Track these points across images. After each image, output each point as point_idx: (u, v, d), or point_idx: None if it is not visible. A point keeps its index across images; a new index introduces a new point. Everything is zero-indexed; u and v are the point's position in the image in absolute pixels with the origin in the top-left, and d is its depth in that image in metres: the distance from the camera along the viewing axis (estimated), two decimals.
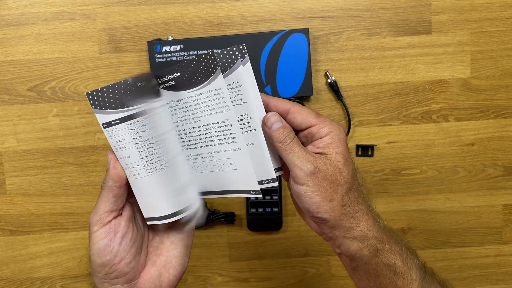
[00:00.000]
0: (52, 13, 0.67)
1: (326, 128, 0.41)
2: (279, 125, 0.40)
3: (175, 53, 0.65)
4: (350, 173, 0.41)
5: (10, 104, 0.68)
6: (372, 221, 0.42)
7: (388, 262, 0.41)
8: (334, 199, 0.40)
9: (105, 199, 0.40)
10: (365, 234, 0.41)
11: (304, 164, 0.39)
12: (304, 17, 0.67)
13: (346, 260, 0.43)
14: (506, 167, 0.70)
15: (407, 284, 0.42)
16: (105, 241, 0.39)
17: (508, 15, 0.67)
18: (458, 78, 0.68)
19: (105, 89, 0.39)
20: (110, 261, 0.39)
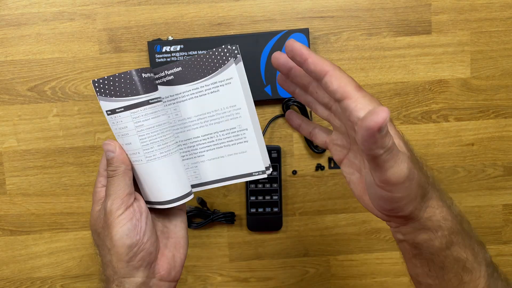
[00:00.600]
0: (52, 13, 0.67)
1: (366, 108, 0.33)
2: (386, 113, 0.30)
3: (175, 53, 0.65)
4: (410, 155, 0.36)
5: (10, 104, 0.68)
6: (447, 209, 0.37)
7: (458, 256, 0.37)
8: (413, 191, 0.35)
9: (122, 184, 0.41)
10: (440, 225, 0.36)
11: (399, 168, 0.33)
12: (304, 17, 0.67)
13: (408, 247, 0.39)
14: (506, 167, 0.70)
15: (474, 280, 0.38)
16: (133, 222, 0.40)
17: (508, 15, 0.67)
18: (458, 78, 0.68)
19: (111, 77, 0.41)
20: (139, 240, 0.40)
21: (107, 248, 0.40)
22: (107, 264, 0.41)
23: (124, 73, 0.40)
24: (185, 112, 0.45)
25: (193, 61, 0.43)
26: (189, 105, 0.44)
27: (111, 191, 0.41)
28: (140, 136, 0.41)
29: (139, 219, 0.41)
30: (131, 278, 0.41)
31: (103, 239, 0.41)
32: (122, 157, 0.41)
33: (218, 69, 0.43)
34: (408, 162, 0.33)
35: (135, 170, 0.43)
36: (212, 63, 0.43)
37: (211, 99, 0.44)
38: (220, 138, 0.45)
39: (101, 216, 0.41)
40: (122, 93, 0.41)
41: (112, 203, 0.40)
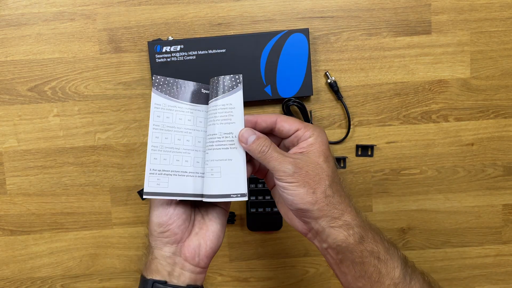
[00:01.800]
0: (52, 13, 0.67)
1: (310, 131, 0.47)
2: (253, 138, 0.46)
3: (175, 53, 0.65)
4: (330, 168, 0.46)
5: (11, 104, 0.68)
6: (355, 213, 0.46)
7: (372, 249, 0.45)
8: (317, 191, 0.44)
9: None
10: (350, 223, 0.45)
11: (284, 166, 0.44)
12: (304, 17, 0.67)
13: (333, 253, 0.47)
14: (505, 167, 0.70)
15: (390, 271, 0.45)
16: (164, 206, 0.49)
17: (507, 15, 0.67)
18: (458, 78, 0.69)
19: (177, 80, 0.52)
20: (166, 221, 0.49)
21: (148, 220, 0.50)
22: (149, 235, 0.50)
23: (191, 82, 0.52)
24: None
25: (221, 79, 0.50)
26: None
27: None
28: (177, 133, 0.50)
29: (169, 204, 0.49)
30: (159, 250, 0.49)
31: (149, 216, 0.50)
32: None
33: (228, 91, 0.49)
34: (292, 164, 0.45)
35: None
36: (223, 86, 0.50)
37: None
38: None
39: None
40: (178, 96, 0.51)
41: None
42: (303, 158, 0.45)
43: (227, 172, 0.48)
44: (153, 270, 0.49)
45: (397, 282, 0.45)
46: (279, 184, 0.45)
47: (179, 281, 0.49)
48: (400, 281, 0.45)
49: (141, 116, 0.68)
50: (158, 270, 0.49)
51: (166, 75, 0.65)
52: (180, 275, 0.49)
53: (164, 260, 0.49)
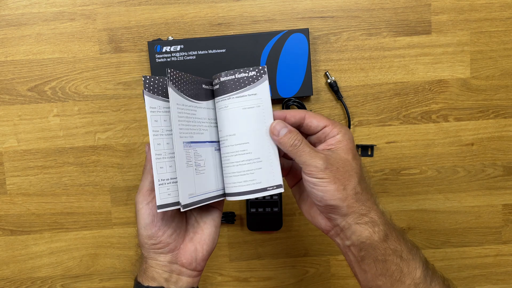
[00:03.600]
0: (52, 13, 0.67)
1: (337, 128, 0.46)
2: (285, 131, 0.45)
3: (175, 53, 0.65)
4: (359, 166, 0.45)
5: (11, 104, 0.68)
6: (380, 210, 0.46)
7: (395, 248, 0.44)
8: (347, 187, 0.44)
9: (146, 180, 0.48)
10: (375, 220, 0.45)
11: (316, 161, 0.44)
12: (304, 17, 0.67)
13: (355, 251, 0.46)
14: (505, 167, 0.70)
15: (411, 271, 0.45)
16: (150, 217, 0.47)
17: (507, 15, 0.67)
18: (457, 78, 0.69)
19: (184, 74, 0.47)
20: (155, 233, 0.47)
21: (138, 232, 0.48)
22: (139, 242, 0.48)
23: (194, 78, 0.47)
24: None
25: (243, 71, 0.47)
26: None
27: (140, 185, 0.48)
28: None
29: (155, 215, 0.47)
30: (154, 260, 0.48)
31: (138, 224, 0.48)
32: (148, 156, 0.47)
33: (254, 82, 0.47)
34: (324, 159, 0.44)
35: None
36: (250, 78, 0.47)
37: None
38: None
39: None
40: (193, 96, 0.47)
41: (137, 197, 0.48)
42: (333, 155, 0.45)
43: (261, 166, 0.46)
44: (149, 277, 0.48)
45: (417, 282, 0.45)
46: (309, 179, 0.44)
47: (177, 286, 0.48)
48: (421, 281, 0.45)
49: (141, 116, 0.68)
50: (155, 277, 0.47)
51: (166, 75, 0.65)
52: (178, 281, 0.48)
53: (160, 268, 0.48)
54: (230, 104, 0.46)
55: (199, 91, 0.48)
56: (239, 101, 0.46)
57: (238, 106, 0.46)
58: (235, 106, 0.46)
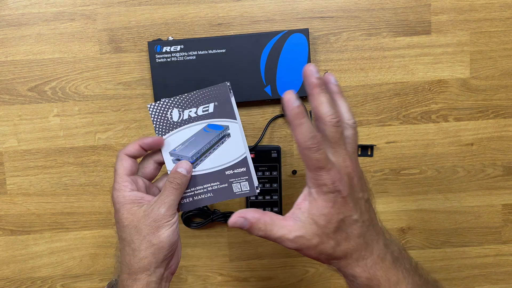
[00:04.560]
0: (52, 14, 0.67)
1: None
2: (246, 226, 0.43)
3: (175, 53, 0.65)
4: (334, 223, 0.40)
5: (11, 104, 0.68)
6: (363, 263, 0.41)
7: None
8: (321, 256, 0.42)
9: (178, 197, 0.49)
10: (354, 274, 0.41)
11: (285, 241, 0.43)
12: (304, 18, 0.67)
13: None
14: (505, 167, 0.70)
15: None
16: (175, 227, 0.48)
17: (507, 15, 0.68)
18: (457, 78, 0.69)
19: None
20: (176, 241, 0.49)
21: (149, 243, 0.46)
22: (141, 256, 0.47)
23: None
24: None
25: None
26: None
27: (168, 199, 0.48)
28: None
29: (177, 225, 0.49)
30: (159, 268, 0.48)
31: (144, 235, 0.47)
32: (189, 177, 0.50)
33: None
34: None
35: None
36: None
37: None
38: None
39: (151, 216, 0.47)
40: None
41: (167, 209, 0.47)
42: (301, 222, 0.42)
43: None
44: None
45: None
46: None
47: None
48: None
49: (141, 116, 0.69)
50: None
51: (166, 75, 0.65)
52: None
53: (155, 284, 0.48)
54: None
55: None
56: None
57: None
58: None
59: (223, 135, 0.51)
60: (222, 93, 0.50)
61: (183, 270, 0.71)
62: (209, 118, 0.51)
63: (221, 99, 0.50)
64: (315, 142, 0.38)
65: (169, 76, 0.65)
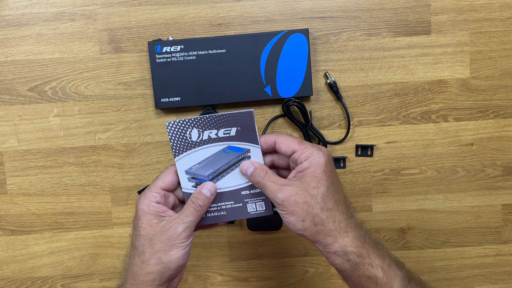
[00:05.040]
0: (52, 14, 0.67)
1: (306, 153, 0.46)
2: (251, 169, 0.49)
3: (175, 54, 0.65)
4: (320, 194, 0.45)
5: (11, 104, 0.68)
6: (351, 238, 0.46)
7: (369, 275, 0.46)
8: (306, 219, 0.45)
9: (198, 218, 0.49)
10: (344, 250, 0.46)
11: (275, 195, 0.46)
12: (304, 18, 0.67)
13: (338, 271, 0.48)
14: (505, 167, 0.70)
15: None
16: (188, 249, 0.48)
17: (507, 15, 0.68)
18: (457, 78, 0.69)
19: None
20: (185, 264, 0.49)
21: (159, 259, 0.47)
22: (148, 270, 0.47)
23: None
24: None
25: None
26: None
27: (186, 220, 0.48)
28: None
29: (190, 247, 0.49)
30: (162, 286, 0.48)
31: (156, 250, 0.47)
32: (212, 199, 0.51)
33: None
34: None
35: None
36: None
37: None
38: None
39: (167, 233, 0.47)
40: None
41: (184, 229, 0.47)
42: (294, 185, 0.46)
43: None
44: None
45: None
46: (277, 210, 0.47)
47: None
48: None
49: (141, 116, 0.69)
50: None
51: (166, 75, 0.65)
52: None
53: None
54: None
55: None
56: None
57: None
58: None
59: (243, 157, 0.51)
60: (246, 119, 0.50)
61: None
62: (230, 140, 0.51)
63: (245, 125, 0.50)
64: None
65: (169, 76, 0.65)
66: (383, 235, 0.71)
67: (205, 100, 0.66)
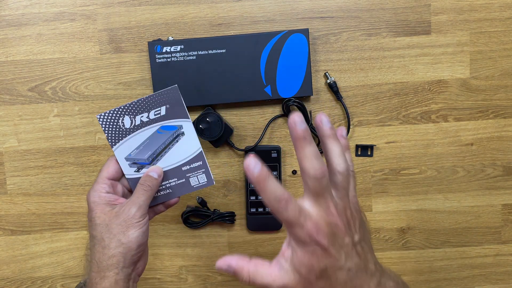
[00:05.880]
0: (52, 14, 0.67)
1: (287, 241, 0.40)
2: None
3: (175, 54, 0.65)
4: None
5: (11, 104, 0.68)
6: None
7: None
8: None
9: (149, 199, 0.52)
10: None
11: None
12: (304, 18, 0.67)
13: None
14: (505, 167, 0.70)
15: None
16: (145, 228, 0.51)
17: (507, 15, 0.68)
18: (457, 78, 0.69)
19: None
20: (145, 242, 0.51)
21: (119, 242, 0.49)
22: (110, 254, 0.49)
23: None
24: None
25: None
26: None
27: (138, 200, 0.51)
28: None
29: (147, 226, 0.51)
30: (127, 268, 0.50)
31: (114, 234, 0.49)
32: (160, 180, 0.53)
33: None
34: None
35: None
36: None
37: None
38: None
39: (122, 216, 0.50)
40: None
41: (137, 210, 0.50)
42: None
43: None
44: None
45: None
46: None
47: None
48: None
49: None
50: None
51: (166, 75, 0.65)
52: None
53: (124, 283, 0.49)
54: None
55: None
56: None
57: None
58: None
59: (177, 134, 0.54)
60: (172, 95, 0.53)
61: (183, 270, 0.72)
62: (162, 120, 0.53)
63: (172, 101, 0.53)
64: (281, 204, 0.37)
65: (169, 76, 0.65)
66: (383, 235, 0.71)
67: (205, 100, 0.66)
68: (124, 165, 0.54)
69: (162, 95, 0.52)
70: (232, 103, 0.67)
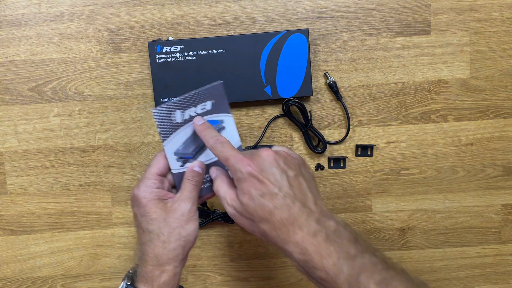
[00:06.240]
0: (52, 14, 0.67)
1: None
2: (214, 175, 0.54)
3: (175, 54, 0.65)
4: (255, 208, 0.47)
5: (11, 104, 0.68)
6: (294, 239, 0.47)
7: (318, 276, 0.48)
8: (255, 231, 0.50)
9: (197, 193, 0.54)
10: (288, 250, 0.48)
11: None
12: (304, 18, 0.67)
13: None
14: (505, 167, 0.70)
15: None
16: (197, 222, 0.52)
17: (507, 15, 0.68)
18: (457, 78, 0.69)
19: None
20: (198, 235, 0.53)
21: (179, 235, 0.51)
22: (171, 247, 0.51)
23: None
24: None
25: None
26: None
27: (191, 195, 0.52)
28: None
29: (198, 221, 0.53)
30: (183, 260, 0.52)
31: (174, 227, 0.51)
32: (203, 175, 0.54)
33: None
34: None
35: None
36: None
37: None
38: None
39: (178, 210, 0.51)
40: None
41: (192, 204, 0.52)
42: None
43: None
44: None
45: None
46: None
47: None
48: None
49: (142, 116, 0.69)
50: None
51: (166, 75, 0.65)
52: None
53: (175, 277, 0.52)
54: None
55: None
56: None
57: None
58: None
59: (219, 129, 0.55)
60: (218, 91, 0.53)
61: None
62: (207, 115, 0.54)
63: (217, 97, 0.54)
64: (219, 144, 0.49)
65: (169, 76, 0.65)
66: (383, 235, 0.71)
67: None
68: (171, 160, 0.54)
69: (209, 90, 0.53)
70: (232, 103, 0.67)
